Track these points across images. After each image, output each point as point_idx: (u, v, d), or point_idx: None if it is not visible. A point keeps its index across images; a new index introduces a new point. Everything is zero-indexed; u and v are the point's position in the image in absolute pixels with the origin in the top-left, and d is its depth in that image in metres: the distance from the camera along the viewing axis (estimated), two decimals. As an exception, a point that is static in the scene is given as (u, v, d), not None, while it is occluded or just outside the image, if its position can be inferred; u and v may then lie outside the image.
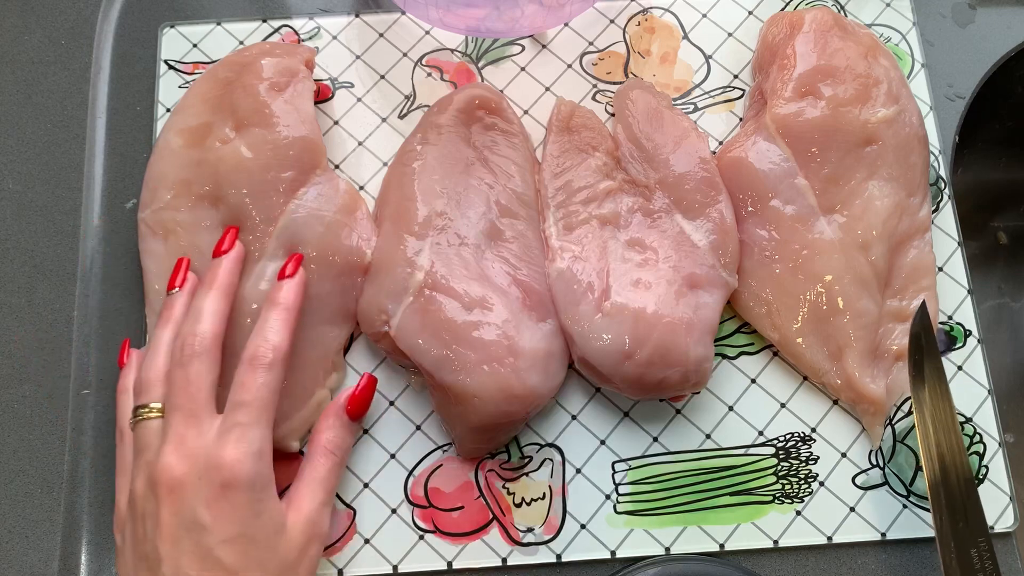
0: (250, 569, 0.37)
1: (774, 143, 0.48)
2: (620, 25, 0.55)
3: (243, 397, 0.39)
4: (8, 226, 0.51)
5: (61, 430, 0.48)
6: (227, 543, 0.37)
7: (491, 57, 0.54)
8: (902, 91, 0.49)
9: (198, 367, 0.39)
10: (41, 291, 0.50)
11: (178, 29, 0.55)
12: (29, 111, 0.54)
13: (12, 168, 0.52)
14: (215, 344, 0.40)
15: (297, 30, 0.55)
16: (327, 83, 0.54)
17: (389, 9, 0.55)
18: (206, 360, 0.40)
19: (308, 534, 0.40)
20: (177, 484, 0.37)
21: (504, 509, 0.46)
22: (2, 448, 0.47)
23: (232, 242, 0.44)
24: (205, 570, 0.36)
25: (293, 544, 0.39)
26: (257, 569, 0.37)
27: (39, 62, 0.55)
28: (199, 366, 0.40)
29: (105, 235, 0.51)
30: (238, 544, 0.37)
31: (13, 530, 0.46)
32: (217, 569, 0.36)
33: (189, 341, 0.40)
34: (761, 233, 0.48)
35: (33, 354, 0.49)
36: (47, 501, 0.47)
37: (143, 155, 0.52)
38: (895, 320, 0.47)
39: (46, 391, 0.48)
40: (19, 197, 0.52)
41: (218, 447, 0.38)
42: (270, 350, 0.40)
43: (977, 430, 0.47)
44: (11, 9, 0.56)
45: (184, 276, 0.44)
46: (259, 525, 0.38)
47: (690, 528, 0.46)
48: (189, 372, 0.39)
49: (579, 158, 0.49)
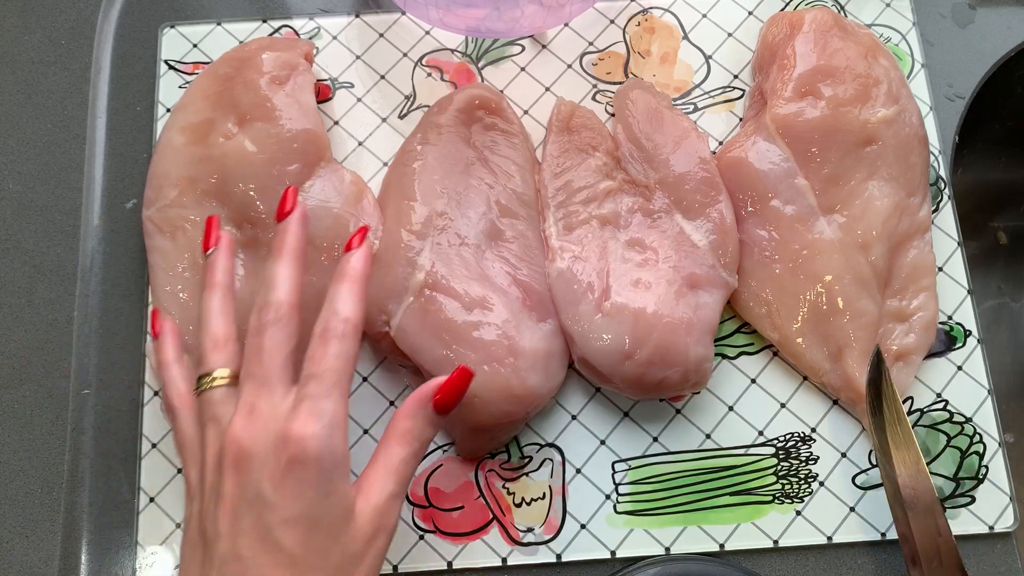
0: (310, 557, 0.34)
1: (774, 143, 0.48)
2: (620, 25, 0.55)
3: (315, 369, 0.36)
4: (8, 226, 0.51)
5: (61, 430, 0.48)
6: (289, 524, 0.34)
7: (491, 57, 0.54)
8: (902, 91, 0.49)
9: (273, 334, 0.37)
10: (41, 291, 0.50)
11: (178, 29, 0.55)
12: (29, 111, 0.54)
13: (12, 168, 0.52)
14: (292, 312, 0.38)
15: (297, 30, 0.55)
16: (327, 83, 0.54)
17: (389, 9, 0.55)
18: (283, 328, 0.37)
19: (376, 524, 0.36)
20: (244, 456, 0.35)
21: (504, 509, 0.46)
22: (2, 448, 0.47)
23: (294, 201, 0.41)
24: (263, 552, 0.34)
25: (360, 534, 0.36)
26: (318, 557, 0.34)
27: (39, 62, 0.55)
28: (275, 334, 0.37)
29: (105, 235, 0.51)
30: (301, 526, 0.34)
31: (13, 530, 0.46)
32: (275, 553, 0.34)
33: (264, 310, 0.37)
34: (761, 233, 0.48)
35: (33, 354, 0.49)
36: (47, 501, 0.47)
37: (143, 155, 0.52)
38: (895, 320, 0.47)
39: (46, 391, 0.48)
40: (19, 197, 0.52)
41: (289, 420, 0.35)
42: (341, 322, 0.37)
43: (977, 430, 0.47)
44: (11, 9, 0.56)
45: (218, 234, 0.42)
46: (326, 507, 0.35)
47: (690, 528, 0.46)
48: (263, 340, 0.37)
49: (579, 158, 0.49)
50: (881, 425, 0.44)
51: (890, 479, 0.43)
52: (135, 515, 0.46)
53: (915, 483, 0.43)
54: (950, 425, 0.48)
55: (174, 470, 0.47)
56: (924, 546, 0.42)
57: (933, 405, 0.48)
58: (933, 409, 0.48)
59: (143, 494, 0.46)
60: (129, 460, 0.47)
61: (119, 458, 0.47)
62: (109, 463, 0.47)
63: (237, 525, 0.34)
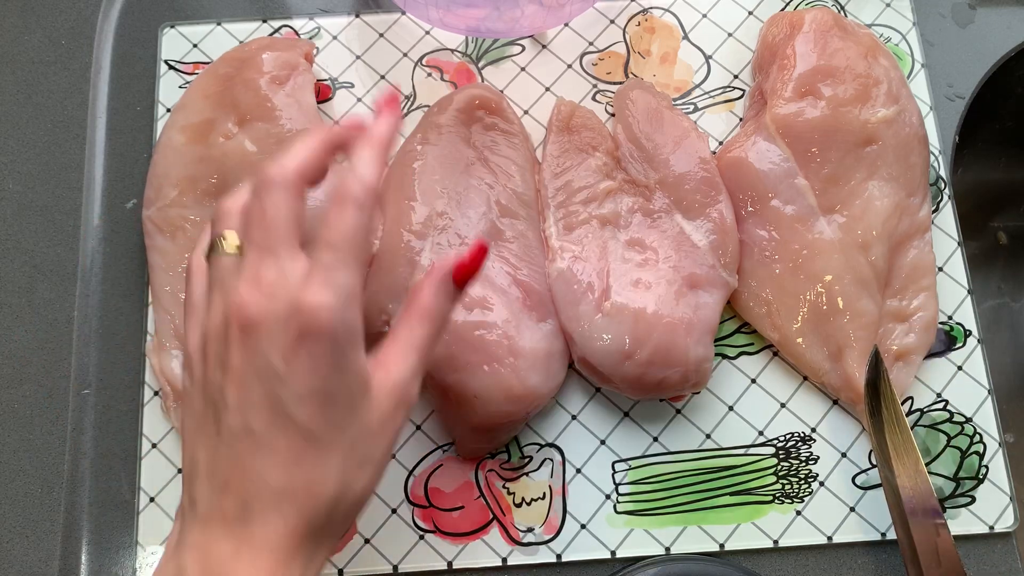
0: (326, 432, 0.32)
1: (774, 143, 0.48)
2: (620, 25, 0.55)
3: (330, 236, 0.33)
4: (8, 226, 0.51)
5: (61, 430, 0.48)
6: (302, 399, 0.31)
7: (491, 57, 0.54)
8: (902, 91, 0.49)
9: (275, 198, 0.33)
10: (41, 291, 0.50)
11: (178, 29, 0.55)
12: (29, 111, 0.54)
13: (12, 168, 0.52)
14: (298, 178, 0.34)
15: (297, 30, 0.55)
16: (327, 83, 0.54)
17: (389, 9, 0.55)
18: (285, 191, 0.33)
19: (396, 399, 0.34)
20: (252, 325, 0.32)
21: (504, 509, 0.46)
22: (2, 448, 0.47)
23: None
24: (274, 426, 0.31)
25: (378, 409, 0.33)
26: (334, 431, 0.32)
27: (39, 62, 0.55)
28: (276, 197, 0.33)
29: (105, 235, 0.51)
30: (314, 401, 0.32)
31: (13, 530, 0.46)
32: (288, 427, 0.31)
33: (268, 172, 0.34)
34: (761, 233, 0.48)
35: (33, 354, 0.49)
36: (47, 501, 0.47)
37: (143, 155, 0.52)
38: (895, 320, 0.47)
39: (46, 391, 0.48)
40: (19, 197, 0.52)
41: (300, 289, 0.32)
42: (362, 187, 0.33)
43: (977, 430, 0.47)
44: (11, 9, 0.56)
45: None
46: (341, 382, 0.32)
47: (690, 528, 0.46)
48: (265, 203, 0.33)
49: (579, 158, 0.49)
50: (880, 426, 0.44)
51: (889, 480, 0.43)
52: (135, 515, 0.46)
53: (914, 484, 0.43)
54: (950, 425, 0.48)
55: (174, 470, 0.47)
56: (923, 547, 0.42)
57: (933, 405, 0.48)
58: (933, 409, 0.48)
59: (143, 494, 0.46)
60: (129, 460, 0.47)
61: (119, 458, 0.47)
62: (109, 463, 0.47)
63: (247, 398, 0.32)
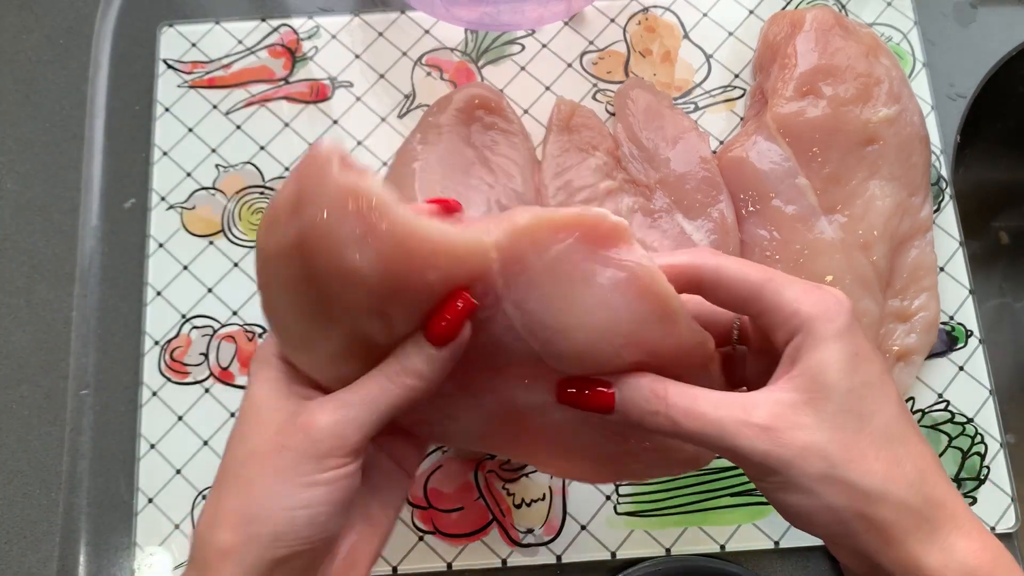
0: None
1: (775, 143, 0.48)
2: (620, 24, 0.55)
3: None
4: (7, 226, 0.51)
5: (59, 431, 0.47)
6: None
7: (491, 56, 0.54)
8: (903, 90, 0.49)
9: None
10: (40, 291, 0.50)
11: (177, 28, 0.55)
12: (28, 110, 0.53)
13: (11, 168, 0.52)
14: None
15: (296, 29, 0.55)
16: (326, 82, 0.54)
17: (393, 6, 0.55)
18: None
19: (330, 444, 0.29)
20: None
21: (504, 510, 0.46)
22: (1, 448, 0.47)
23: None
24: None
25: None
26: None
27: (38, 61, 0.55)
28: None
29: (104, 235, 0.51)
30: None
31: (11, 531, 0.46)
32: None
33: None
34: (762, 233, 0.47)
35: (32, 354, 0.49)
36: (45, 502, 0.46)
37: (142, 155, 0.52)
38: (897, 320, 0.47)
39: (45, 391, 0.48)
40: (18, 197, 0.52)
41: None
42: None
43: (978, 431, 0.47)
44: (10, 9, 0.56)
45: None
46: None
47: (691, 529, 0.45)
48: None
49: (579, 158, 0.49)
50: None
51: None
52: (133, 516, 0.46)
53: None
54: (951, 426, 0.47)
55: (172, 471, 0.47)
56: None
57: (934, 405, 0.48)
58: (934, 410, 0.48)
59: (141, 495, 0.46)
60: (127, 461, 0.47)
61: (117, 459, 0.47)
62: (107, 464, 0.47)
63: None
